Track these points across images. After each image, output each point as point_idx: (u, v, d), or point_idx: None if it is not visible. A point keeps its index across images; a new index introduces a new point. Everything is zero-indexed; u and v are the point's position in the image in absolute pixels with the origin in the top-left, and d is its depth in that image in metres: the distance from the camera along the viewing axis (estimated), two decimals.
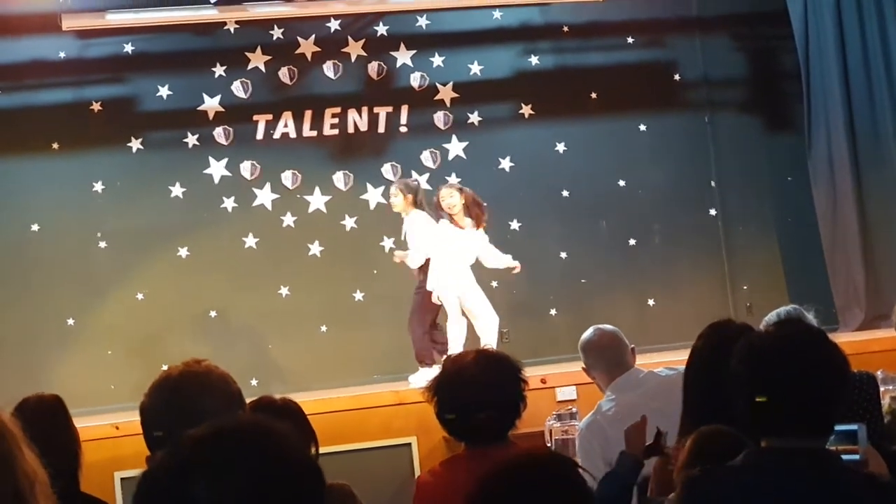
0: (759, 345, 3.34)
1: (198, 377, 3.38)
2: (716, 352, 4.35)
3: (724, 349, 4.28)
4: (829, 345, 3.30)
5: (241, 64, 12.69)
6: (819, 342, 3.29)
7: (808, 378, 3.18)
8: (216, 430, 2.17)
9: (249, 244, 12.56)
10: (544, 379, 9.66)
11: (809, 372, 3.19)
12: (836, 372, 3.27)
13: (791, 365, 3.19)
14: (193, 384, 3.36)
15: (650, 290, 13.23)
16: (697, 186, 13.55)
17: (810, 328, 3.36)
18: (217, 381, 3.40)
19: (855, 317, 12.40)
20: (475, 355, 4.41)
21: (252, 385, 11.49)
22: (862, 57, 12.68)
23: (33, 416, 4.57)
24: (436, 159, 13.07)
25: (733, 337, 4.33)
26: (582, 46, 13.51)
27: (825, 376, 3.22)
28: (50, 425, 4.67)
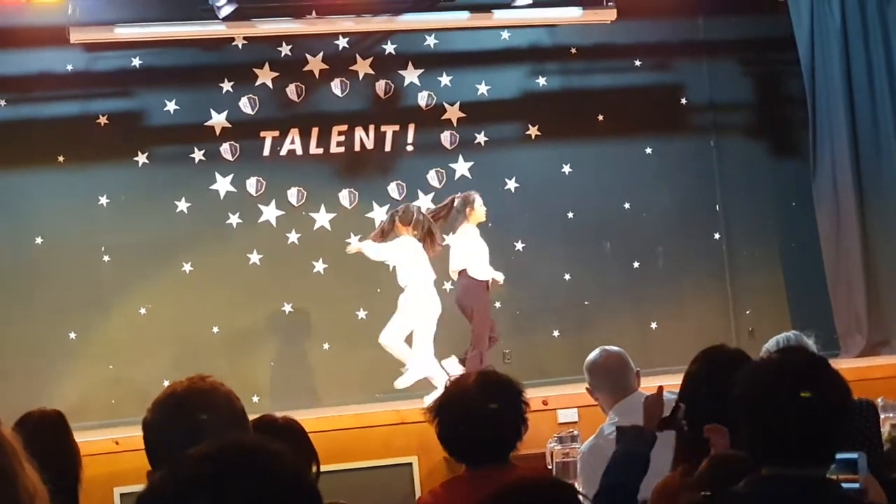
0: (762, 371, 3.34)
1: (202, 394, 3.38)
2: (709, 377, 4.35)
3: (716, 374, 4.29)
4: (831, 373, 3.30)
5: (248, 80, 12.72)
6: (821, 370, 3.29)
7: (810, 406, 3.18)
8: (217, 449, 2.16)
9: (254, 260, 12.57)
10: (546, 401, 9.66)
11: (811, 400, 3.18)
12: (837, 401, 3.26)
13: (793, 393, 3.19)
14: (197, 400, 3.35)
15: (653, 313, 13.23)
16: (702, 210, 13.56)
17: (813, 356, 3.36)
18: (221, 398, 3.40)
19: (856, 343, 12.40)
20: (477, 377, 4.41)
21: (254, 402, 11.49)
22: (867, 84, 12.71)
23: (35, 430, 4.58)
24: (441, 179, 13.08)
25: (726, 362, 4.34)
26: (589, 68, 13.54)
27: (827, 405, 3.21)
28: (51, 440, 4.69)
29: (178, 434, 3.20)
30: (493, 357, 11.75)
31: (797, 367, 3.29)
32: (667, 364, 11.15)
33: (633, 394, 5.78)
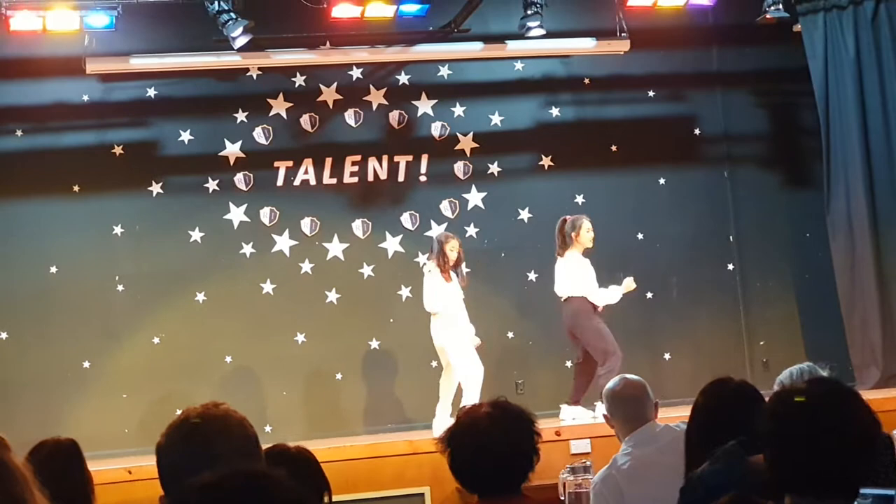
0: (789, 401, 3.31)
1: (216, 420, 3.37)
2: (716, 409, 4.36)
3: (723, 406, 4.29)
4: (859, 405, 3.26)
5: (262, 110, 12.76)
6: (849, 402, 3.26)
7: (834, 438, 3.15)
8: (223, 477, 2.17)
9: (267, 290, 12.58)
10: (559, 431, 9.64)
11: (836, 432, 3.15)
12: (863, 434, 3.22)
13: (818, 424, 3.16)
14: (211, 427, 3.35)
15: (667, 344, 13.21)
16: (716, 241, 13.55)
17: (841, 387, 3.32)
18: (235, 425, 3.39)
19: (871, 375, 12.36)
20: (489, 407, 4.39)
21: (266, 431, 11.49)
22: (882, 115, 12.71)
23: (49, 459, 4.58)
24: (455, 209, 13.09)
25: (732, 394, 4.34)
26: (603, 99, 13.57)
27: (852, 438, 3.17)
28: (65, 469, 4.69)
29: (190, 460, 3.19)
30: (505, 387, 11.75)
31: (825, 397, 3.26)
32: (680, 395, 11.12)
33: (647, 424, 5.75)
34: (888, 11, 12.81)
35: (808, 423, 3.18)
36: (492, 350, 12.54)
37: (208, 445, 3.22)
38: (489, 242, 13.06)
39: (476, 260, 12.74)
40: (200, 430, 3.30)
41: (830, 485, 3.17)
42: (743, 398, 4.40)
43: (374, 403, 12.47)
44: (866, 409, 3.26)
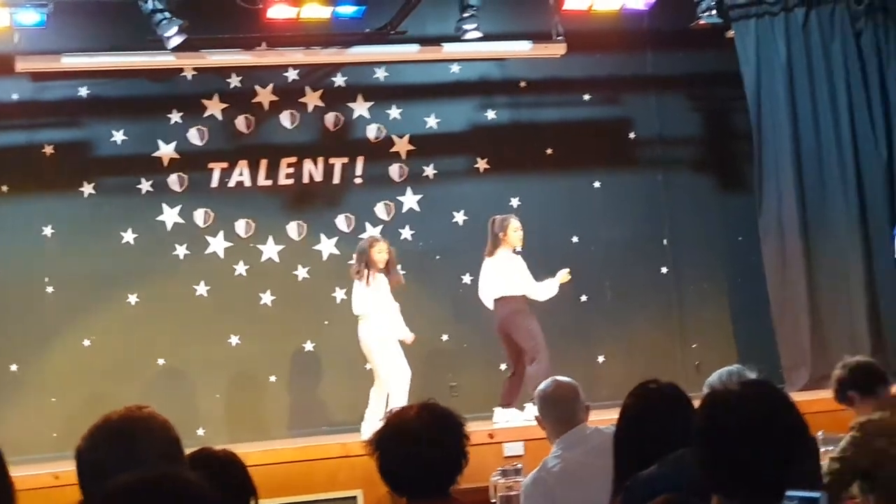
0: (721, 403, 3.32)
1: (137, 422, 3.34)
2: (643, 411, 4.38)
3: (650, 409, 4.32)
4: (789, 408, 3.28)
5: (197, 111, 12.68)
6: (780, 404, 3.28)
7: (764, 441, 3.16)
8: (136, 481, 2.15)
9: (200, 292, 12.50)
10: (492, 434, 9.64)
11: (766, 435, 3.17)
12: (792, 437, 3.25)
13: (749, 426, 3.17)
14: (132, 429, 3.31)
15: (601, 347, 13.26)
16: (650, 244, 13.62)
17: (772, 389, 3.34)
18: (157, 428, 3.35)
19: (801, 377, 12.47)
20: (419, 410, 4.38)
21: (199, 435, 11.42)
22: (812, 120, 12.84)
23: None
24: (390, 211, 13.07)
25: (659, 397, 4.37)
26: (538, 102, 13.60)
27: (781, 440, 3.20)
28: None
29: (111, 463, 3.15)
30: (440, 390, 11.74)
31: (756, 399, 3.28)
32: (614, 398, 11.04)
33: (577, 426, 5.76)
34: (818, 18, 12.94)
35: (739, 425, 3.19)
36: (426, 353, 12.56)
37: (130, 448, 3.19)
38: (424, 245, 13.06)
39: (411, 262, 12.73)
40: (120, 432, 3.26)
41: (758, 487, 3.19)
42: (670, 400, 4.43)
43: (308, 406, 12.43)
44: (796, 412, 3.29)
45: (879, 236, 12.71)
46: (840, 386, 6.33)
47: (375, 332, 10.85)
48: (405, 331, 11.05)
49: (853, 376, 6.27)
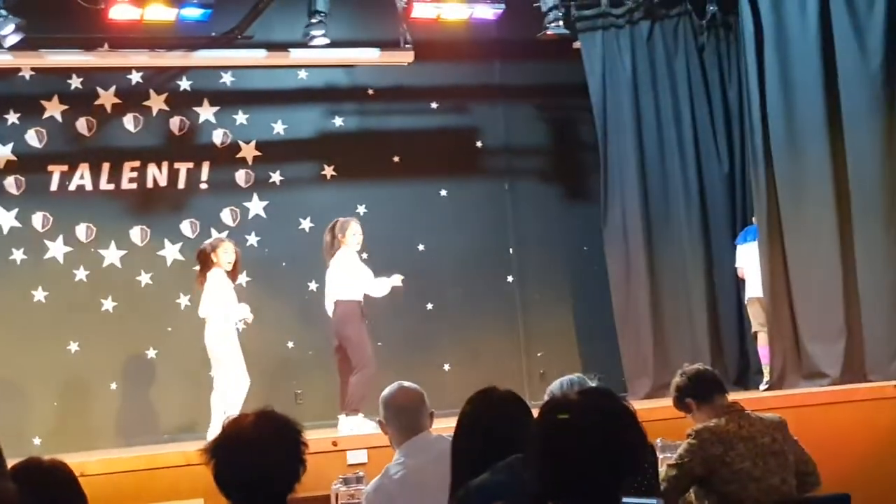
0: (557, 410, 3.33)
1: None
2: (481, 418, 4.39)
3: (488, 415, 4.33)
4: (628, 417, 3.30)
5: (36, 112, 12.40)
6: (619, 413, 3.29)
7: (600, 449, 3.17)
8: None
9: (38, 298, 12.23)
10: (335, 441, 9.58)
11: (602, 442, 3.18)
12: (629, 445, 3.26)
13: (585, 433, 3.18)
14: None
15: (446, 355, 13.30)
16: (496, 253, 13.70)
17: (612, 398, 3.36)
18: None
19: (643, 385, 12.64)
20: (255, 417, 4.33)
21: (35, 444, 11.18)
22: (656, 132, 13.04)
23: None
24: (236, 217, 12.96)
25: (497, 404, 4.39)
26: (386, 109, 13.60)
27: (618, 448, 3.20)
28: None
29: None
30: (285, 397, 11.69)
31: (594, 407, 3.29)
32: (459, 406, 11.16)
33: (421, 433, 5.74)
34: (663, 32, 13.15)
35: (575, 433, 3.20)
36: (271, 359, 12.48)
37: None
38: (270, 251, 12.96)
39: (257, 269, 12.65)
40: None
41: (594, 494, 3.20)
42: (508, 407, 4.44)
43: (150, 414, 12.24)
44: (633, 420, 3.31)
45: (720, 248, 12.98)
46: (679, 393, 6.42)
47: (221, 334, 10.73)
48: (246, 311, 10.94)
49: (691, 384, 6.37)
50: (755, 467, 5.99)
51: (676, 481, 6.02)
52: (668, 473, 6.01)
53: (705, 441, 6.03)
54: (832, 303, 11.49)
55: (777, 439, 6.09)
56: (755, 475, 5.98)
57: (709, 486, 6.05)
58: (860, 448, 9.59)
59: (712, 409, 6.22)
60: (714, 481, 6.02)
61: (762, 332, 12.17)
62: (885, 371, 11.03)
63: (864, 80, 11.31)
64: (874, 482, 9.14)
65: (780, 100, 11.81)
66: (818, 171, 11.58)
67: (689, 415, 6.41)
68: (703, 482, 6.07)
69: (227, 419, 4.42)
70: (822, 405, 10.05)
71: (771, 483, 5.99)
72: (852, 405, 10.11)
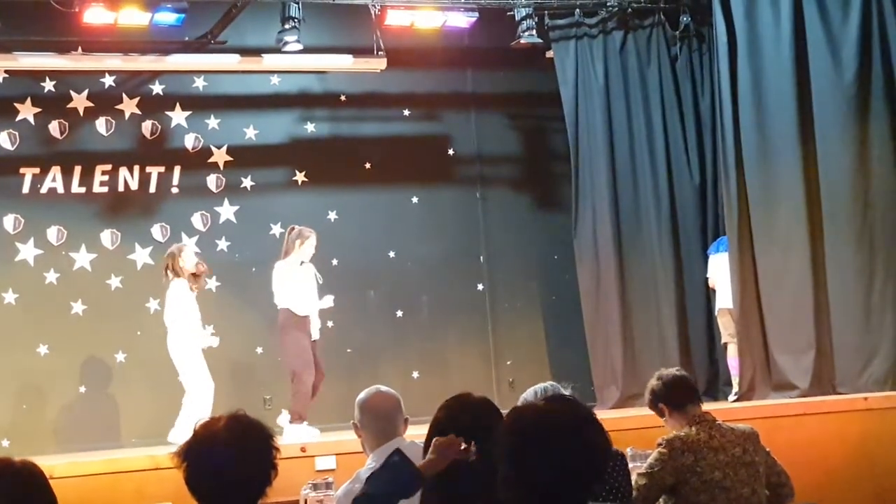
0: (525, 417, 3.33)
1: None
2: (453, 424, 4.38)
3: (461, 422, 4.33)
4: (593, 424, 3.31)
5: (8, 115, 12.37)
6: (584, 421, 3.30)
7: (565, 456, 3.19)
8: None
9: (8, 300, 12.19)
10: (304, 447, 9.55)
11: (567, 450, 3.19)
12: (594, 452, 3.28)
13: (552, 441, 3.19)
14: None
15: (415, 362, 13.30)
16: (467, 261, 13.72)
17: (578, 406, 3.37)
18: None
19: (612, 395, 12.67)
20: (227, 421, 4.32)
21: (3, 446, 11.13)
22: (628, 142, 13.07)
23: None
24: (206, 222, 12.93)
25: (470, 410, 4.39)
26: (358, 116, 13.60)
27: (583, 456, 3.22)
28: None
29: None
30: (253, 402, 11.65)
31: (560, 415, 3.30)
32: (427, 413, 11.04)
33: (395, 439, 5.74)
34: (636, 42, 13.19)
35: (543, 440, 3.21)
36: (239, 365, 12.46)
37: None
38: (240, 256, 12.94)
39: (227, 274, 12.65)
40: None
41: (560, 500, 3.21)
42: (481, 413, 4.43)
43: (118, 418, 12.19)
44: (598, 427, 3.32)
45: (690, 259, 13.01)
46: (653, 397, 6.42)
47: (184, 340, 10.72)
48: (209, 338, 10.93)
49: (665, 390, 6.37)
50: (725, 478, 6.00)
51: (647, 490, 6.03)
52: (638, 482, 6.02)
53: (676, 450, 6.04)
54: (802, 315, 11.51)
55: (748, 450, 6.10)
56: (725, 485, 5.99)
57: (679, 496, 6.06)
58: (830, 460, 9.61)
59: (684, 417, 6.24)
60: (684, 491, 6.03)
61: (732, 342, 12.20)
62: (855, 384, 11.06)
63: (838, 92, 11.33)
64: (844, 494, 9.18)
65: (753, 111, 11.84)
66: (790, 183, 11.61)
67: (661, 418, 6.42)
68: (674, 491, 6.08)
69: (198, 423, 4.41)
70: (792, 416, 10.06)
71: (741, 493, 6.00)
72: (823, 417, 10.13)
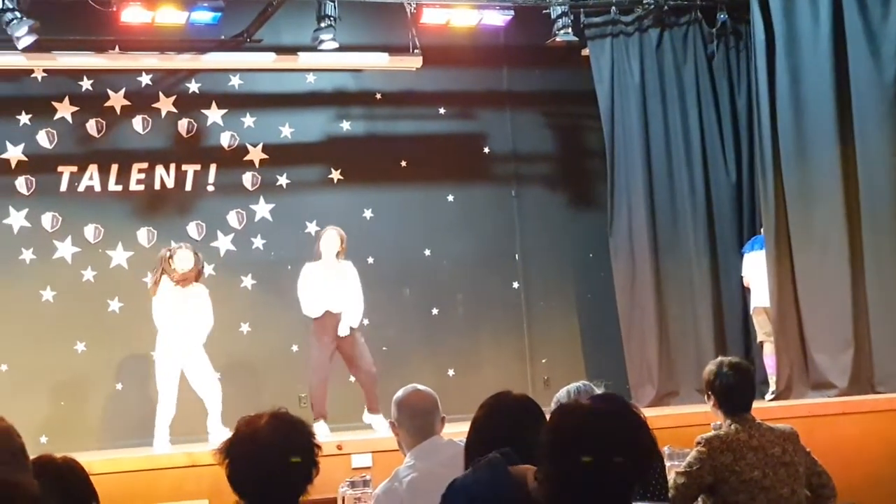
0: (572, 416, 3.33)
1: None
2: (495, 422, 4.38)
3: (502, 419, 4.32)
4: (639, 425, 3.30)
5: (47, 113, 12.44)
6: (631, 419, 3.29)
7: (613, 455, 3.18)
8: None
9: (47, 297, 12.26)
10: (340, 445, 9.58)
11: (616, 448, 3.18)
12: (642, 451, 3.27)
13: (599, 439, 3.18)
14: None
15: (451, 361, 13.30)
16: (502, 259, 13.71)
17: (624, 404, 3.36)
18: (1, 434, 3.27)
19: (647, 393, 12.64)
20: (269, 418, 4.34)
21: (42, 443, 11.18)
22: (664, 140, 13.04)
23: None
24: (242, 220, 12.97)
25: (511, 408, 4.38)
26: (394, 114, 13.61)
27: (630, 455, 3.21)
28: None
29: None
30: (289, 401, 11.65)
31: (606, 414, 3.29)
32: (463, 412, 11.07)
33: (432, 437, 5.74)
34: (672, 40, 13.15)
35: (589, 439, 3.21)
36: (275, 363, 12.51)
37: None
38: (276, 254, 12.97)
39: (262, 272, 12.69)
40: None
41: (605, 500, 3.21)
42: (522, 412, 4.42)
43: (154, 415, 12.22)
44: (645, 427, 3.31)
45: (726, 257, 12.97)
46: (709, 390, 6.30)
47: (160, 345, 10.93)
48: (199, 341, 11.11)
49: (724, 394, 6.23)
50: (765, 477, 5.97)
51: (685, 489, 6.01)
52: (676, 481, 6.00)
53: (715, 449, 6.02)
54: (840, 313, 11.47)
55: (788, 450, 6.07)
56: (765, 485, 5.96)
57: (717, 495, 6.04)
58: (869, 460, 9.56)
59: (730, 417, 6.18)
60: (723, 490, 6.00)
61: (768, 341, 12.16)
62: (894, 383, 11.01)
63: (878, 90, 11.27)
64: (884, 494, 9.13)
65: (791, 108, 11.81)
66: (828, 181, 11.57)
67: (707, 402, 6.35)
68: (712, 491, 6.05)
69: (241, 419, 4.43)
70: (830, 416, 10.02)
71: (781, 493, 5.97)
72: (861, 416, 10.07)
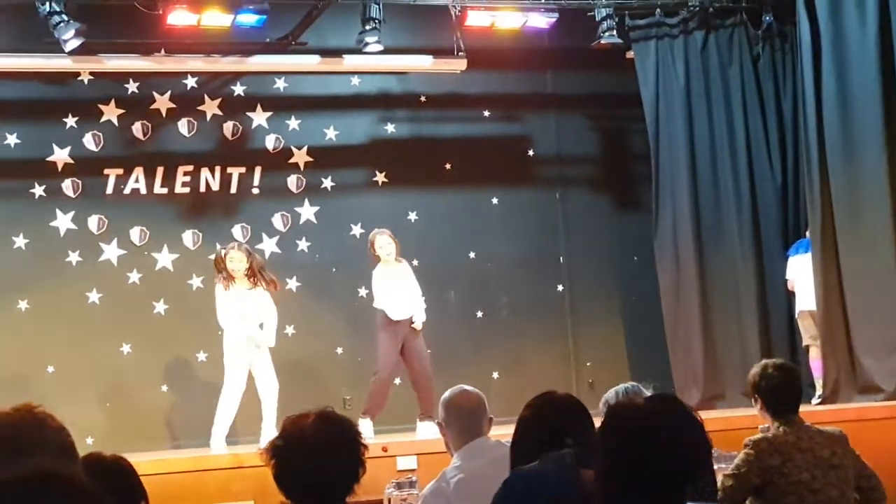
0: (627, 415, 3.31)
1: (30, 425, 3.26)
2: (541, 422, 4.36)
3: (548, 420, 4.31)
4: (694, 425, 3.28)
5: (93, 116, 12.51)
6: (686, 419, 3.28)
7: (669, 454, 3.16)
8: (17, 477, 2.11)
9: (93, 299, 12.32)
10: (385, 447, 9.58)
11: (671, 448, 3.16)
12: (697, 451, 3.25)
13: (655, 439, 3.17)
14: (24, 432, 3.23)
15: (495, 363, 13.28)
16: (546, 261, 13.69)
17: (679, 404, 3.35)
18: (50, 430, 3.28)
19: (692, 396, 12.56)
20: (315, 418, 4.34)
21: (88, 444, 11.21)
22: (709, 143, 12.99)
23: None
24: (287, 222, 13.00)
25: (557, 408, 4.36)
26: (438, 117, 13.62)
27: (686, 454, 3.20)
28: None
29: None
30: (333, 403, 11.58)
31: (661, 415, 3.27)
32: (507, 414, 11.04)
33: (479, 438, 5.74)
34: (717, 41, 13.11)
35: (646, 438, 3.19)
36: (320, 365, 12.53)
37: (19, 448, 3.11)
38: (321, 257, 13.01)
39: (307, 274, 12.71)
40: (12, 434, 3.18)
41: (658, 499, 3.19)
42: (568, 412, 4.41)
43: (200, 416, 12.26)
44: (700, 427, 3.30)
45: (772, 259, 12.90)
46: (755, 391, 6.26)
47: (227, 344, 10.95)
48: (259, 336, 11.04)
49: (771, 395, 6.19)
50: (814, 479, 5.92)
51: (733, 491, 5.98)
52: (724, 483, 5.96)
53: (763, 451, 5.98)
54: (888, 316, 11.39)
55: (837, 453, 6.02)
56: (814, 487, 5.91)
57: (766, 497, 6.00)
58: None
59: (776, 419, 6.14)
60: (771, 492, 5.96)
61: (814, 345, 12.09)
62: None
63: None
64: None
65: (837, 110, 11.74)
66: (875, 183, 11.50)
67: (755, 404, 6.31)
68: (760, 493, 6.01)
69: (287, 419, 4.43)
70: (877, 420, 9.94)
71: (830, 496, 5.92)
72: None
